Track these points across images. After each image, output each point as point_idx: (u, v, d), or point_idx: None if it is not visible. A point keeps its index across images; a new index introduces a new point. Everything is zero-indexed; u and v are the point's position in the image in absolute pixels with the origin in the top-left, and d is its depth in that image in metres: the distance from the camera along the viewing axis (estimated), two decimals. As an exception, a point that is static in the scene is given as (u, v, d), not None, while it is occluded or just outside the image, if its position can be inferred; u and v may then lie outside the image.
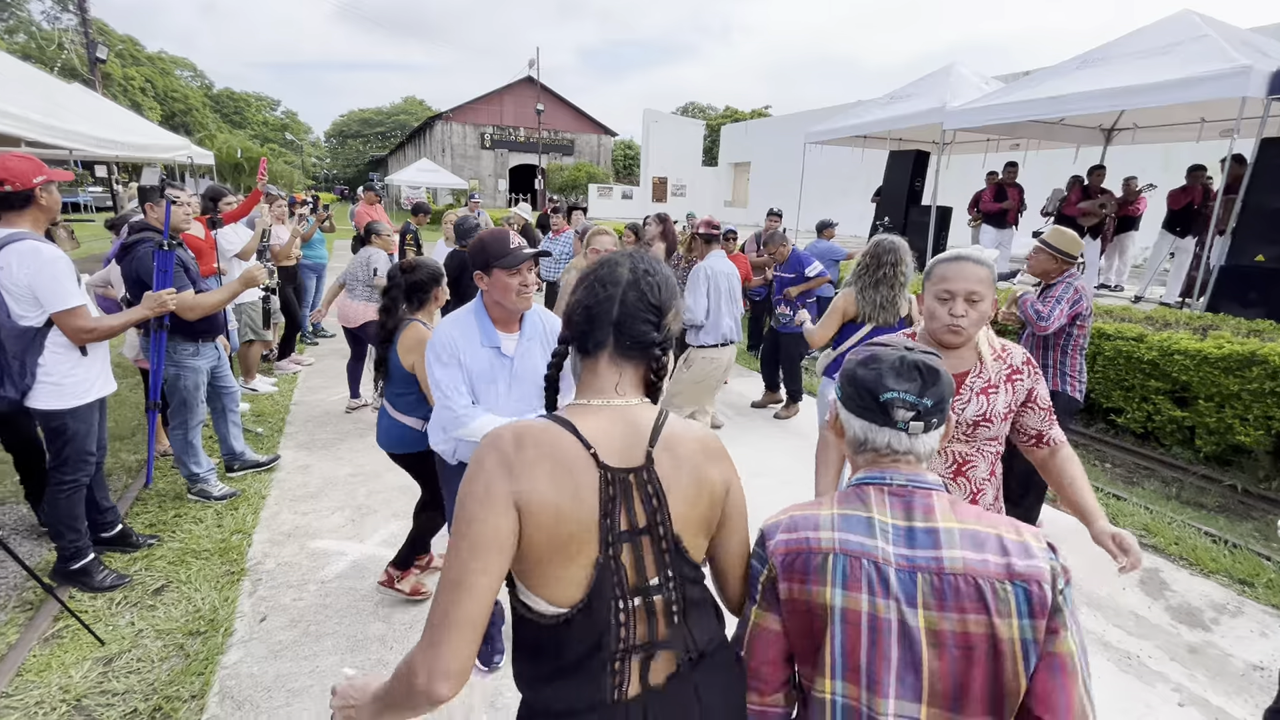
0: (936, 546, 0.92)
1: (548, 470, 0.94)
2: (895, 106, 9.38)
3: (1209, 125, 7.88)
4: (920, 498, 0.98)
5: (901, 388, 0.98)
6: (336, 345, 7.24)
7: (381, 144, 66.72)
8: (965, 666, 0.89)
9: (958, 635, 0.89)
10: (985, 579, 0.89)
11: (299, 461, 4.20)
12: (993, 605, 0.88)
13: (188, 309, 3.06)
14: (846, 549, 0.95)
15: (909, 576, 0.91)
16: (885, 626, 0.91)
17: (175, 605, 2.71)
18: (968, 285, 1.61)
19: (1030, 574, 0.89)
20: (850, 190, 16.49)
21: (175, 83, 50.86)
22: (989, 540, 0.92)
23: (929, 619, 0.89)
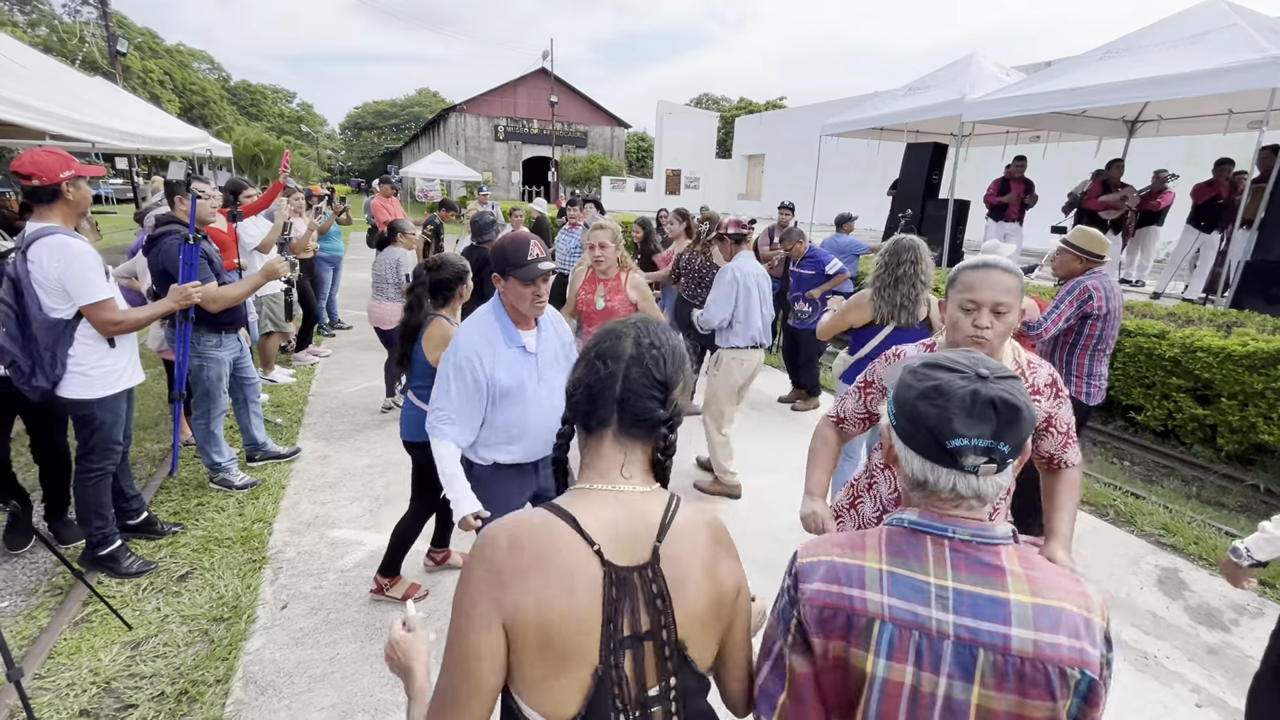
0: (1005, 623, 0.83)
1: (543, 576, 0.86)
2: (913, 98, 9.26)
3: (1236, 117, 7.69)
4: (988, 556, 0.87)
5: (974, 433, 0.85)
6: (353, 337, 7.31)
7: (396, 136, 66.95)
8: None
9: (1011, 715, 0.82)
10: (1055, 665, 0.81)
11: (318, 452, 4.26)
12: (1058, 690, 0.81)
13: (211, 301, 3.11)
14: (896, 617, 0.85)
15: (968, 651, 0.83)
16: (929, 701, 0.84)
17: (199, 592, 2.77)
18: (995, 295, 1.51)
19: (1093, 662, 0.82)
20: (866, 183, 16.32)
21: (193, 75, 51.33)
22: (1062, 619, 0.83)
23: (983, 696, 0.82)
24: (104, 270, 2.58)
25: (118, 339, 2.68)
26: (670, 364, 1.00)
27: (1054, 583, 0.86)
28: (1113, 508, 3.92)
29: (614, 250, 3.27)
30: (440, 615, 2.70)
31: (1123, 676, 2.54)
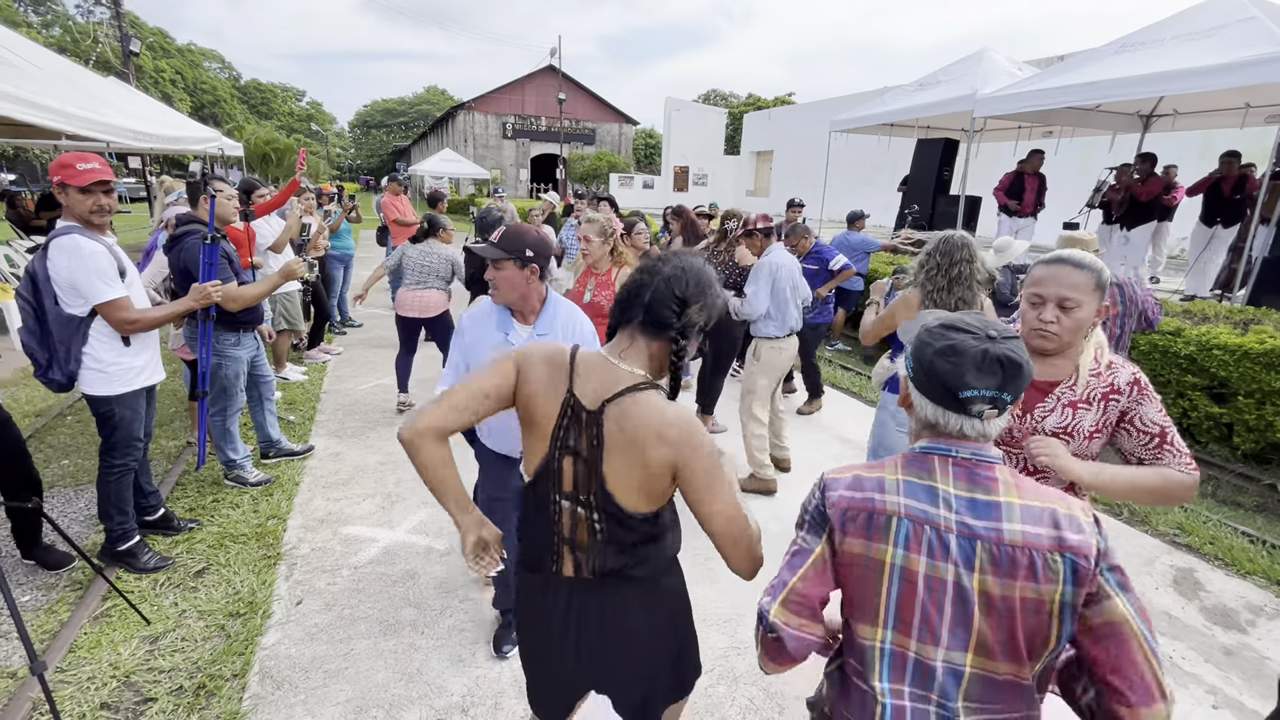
0: (997, 519, 0.99)
1: (545, 364, 1.29)
2: (924, 94, 9.19)
3: (1254, 111, 7.58)
4: (984, 470, 1.03)
5: (983, 384, 1.00)
6: (364, 335, 7.36)
7: (405, 134, 67.18)
8: (1010, 623, 0.98)
9: (1007, 598, 0.97)
10: (1039, 551, 0.97)
11: (330, 449, 4.30)
12: (1042, 574, 0.96)
13: (230, 300, 3.14)
14: (910, 513, 1.02)
15: (969, 544, 0.99)
16: (940, 586, 1.00)
17: (216, 587, 2.81)
18: (1060, 290, 1.53)
19: (1080, 548, 0.97)
20: (875, 179, 16.22)
21: (204, 74, 51.71)
22: (1044, 514, 0.99)
23: (983, 582, 0.98)
24: (119, 269, 2.61)
25: (135, 337, 2.71)
26: (691, 285, 1.28)
27: (1038, 490, 1.03)
28: (1127, 507, 3.89)
29: (600, 245, 3.27)
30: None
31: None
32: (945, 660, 1.00)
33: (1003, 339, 1.02)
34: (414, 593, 2.85)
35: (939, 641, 1.01)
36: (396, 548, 3.19)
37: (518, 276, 1.98)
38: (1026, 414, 1.63)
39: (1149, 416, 1.57)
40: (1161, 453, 1.57)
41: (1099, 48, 7.36)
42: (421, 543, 3.24)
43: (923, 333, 1.09)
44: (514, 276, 1.98)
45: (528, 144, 37.40)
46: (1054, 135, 9.90)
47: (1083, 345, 1.62)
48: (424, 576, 2.96)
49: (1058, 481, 1.60)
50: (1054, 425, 1.61)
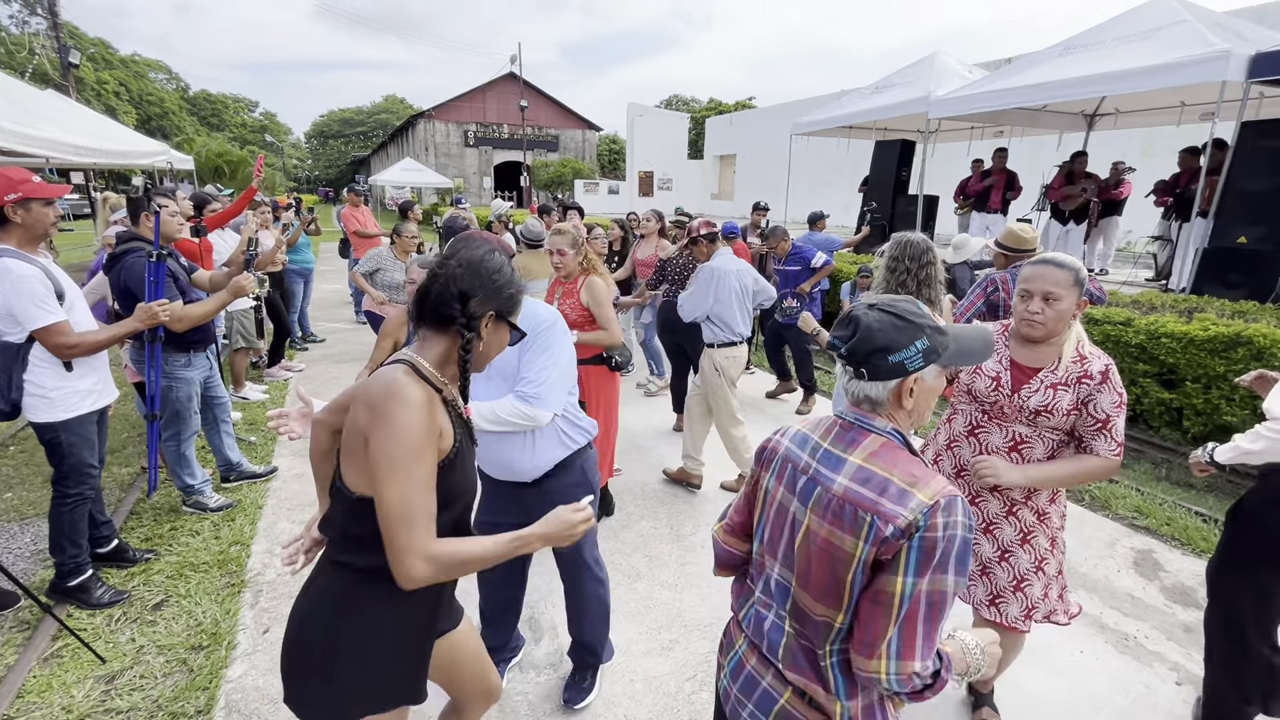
0: (836, 472, 1.14)
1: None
2: (880, 96, 9.41)
3: (1189, 109, 7.97)
4: (856, 434, 1.17)
5: (836, 334, 1.20)
6: (327, 351, 7.18)
7: (363, 144, 65.99)
8: (817, 560, 1.12)
9: (821, 538, 1.12)
10: (854, 505, 1.08)
11: (294, 469, 4.16)
12: (850, 526, 1.08)
13: (175, 320, 3.01)
14: (786, 454, 1.24)
15: (812, 485, 1.16)
16: (785, 514, 1.20)
17: (176, 620, 2.68)
18: (1044, 285, 1.81)
19: (889, 515, 1.04)
20: (836, 181, 16.51)
21: (150, 86, 50.02)
22: (879, 481, 1.08)
23: (810, 519, 1.14)
24: (57, 291, 2.48)
25: (77, 362, 2.58)
26: (469, 279, 1.29)
27: (895, 464, 1.10)
28: (1088, 493, 4.02)
29: (573, 256, 3.22)
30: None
31: (1106, 659, 2.60)
32: (779, 575, 1.21)
33: (877, 308, 1.15)
34: (387, 614, 2.77)
35: (777, 557, 1.22)
36: (367, 568, 3.10)
37: None
38: (1015, 393, 1.89)
39: (1102, 405, 1.81)
40: (1098, 436, 1.82)
41: (1044, 50, 7.65)
42: (393, 562, 3.16)
43: None
44: None
45: (490, 151, 37.09)
46: (1005, 135, 10.24)
47: (1066, 335, 1.86)
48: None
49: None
50: (1037, 404, 1.85)
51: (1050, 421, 1.85)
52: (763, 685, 1.21)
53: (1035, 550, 1.98)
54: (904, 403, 1.15)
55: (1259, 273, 5.66)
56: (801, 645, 1.17)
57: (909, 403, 1.15)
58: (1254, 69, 5.30)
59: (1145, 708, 2.35)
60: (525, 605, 2.53)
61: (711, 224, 4.02)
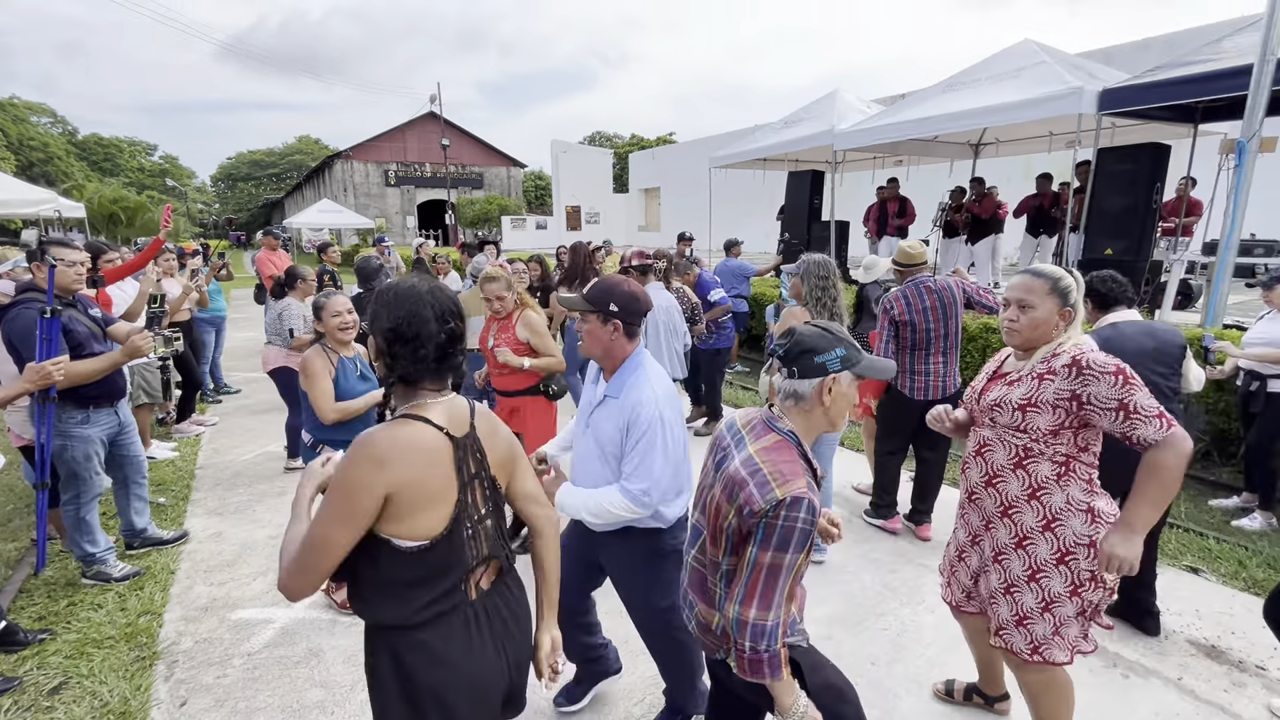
0: (738, 454, 1.45)
1: (416, 456, 1.26)
2: (789, 130, 10.00)
3: (1056, 138, 8.91)
4: (764, 431, 1.48)
5: (778, 342, 1.50)
6: (243, 402, 6.80)
7: (276, 186, 63.47)
8: (712, 514, 1.48)
9: (716, 499, 1.46)
10: (735, 484, 1.40)
11: (210, 529, 3.90)
12: (729, 497, 1.41)
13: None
14: (721, 434, 1.60)
15: (723, 459, 1.50)
16: (707, 475, 1.58)
17: (78, 702, 2.45)
18: (1018, 293, 1.88)
19: (750, 500, 1.35)
20: (755, 210, 17.27)
21: (31, 130, 46.52)
22: (755, 469, 1.38)
23: (716, 484, 1.48)
24: None
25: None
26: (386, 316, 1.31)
27: (776, 460, 1.39)
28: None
29: (511, 297, 3.31)
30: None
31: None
32: (695, 519, 1.59)
33: (811, 325, 1.51)
34: (319, 672, 2.63)
35: (699, 508, 1.57)
36: (295, 626, 2.94)
37: (599, 330, 1.91)
38: (980, 395, 1.98)
39: (1100, 394, 1.68)
40: (1131, 422, 1.66)
41: (930, 87, 8.39)
42: (324, 617, 3.01)
43: None
44: (595, 330, 1.92)
45: (413, 190, 36.57)
46: (904, 164, 11.08)
47: (1051, 345, 1.83)
48: (330, 652, 2.74)
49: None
50: (989, 400, 1.91)
51: (1003, 418, 1.84)
52: (689, 600, 1.61)
53: (1045, 591, 1.85)
54: (823, 399, 1.44)
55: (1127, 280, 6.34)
56: (698, 571, 1.56)
57: (828, 399, 1.44)
58: (1103, 103, 6.02)
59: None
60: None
61: (645, 254, 3.94)
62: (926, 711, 2.40)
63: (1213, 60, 5.69)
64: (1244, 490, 4.07)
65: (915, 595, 3.15)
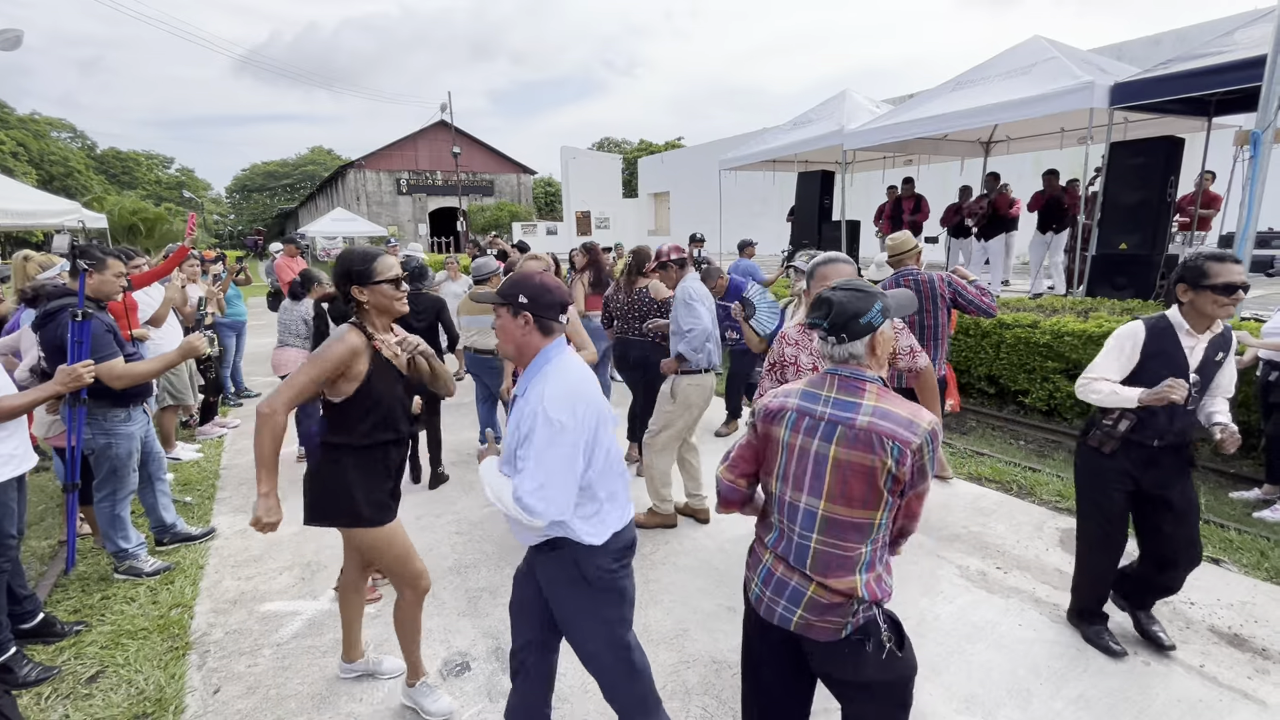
0: (854, 412, 1.50)
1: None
2: (798, 131, 10.04)
3: (1068, 134, 8.88)
4: (855, 384, 1.54)
5: (814, 316, 1.58)
6: (263, 404, 6.91)
7: (289, 196, 64.25)
8: (853, 478, 1.48)
9: (848, 462, 1.48)
10: (878, 434, 1.45)
11: (237, 526, 3.99)
12: (878, 448, 1.45)
13: (115, 378, 2.92)
14: (799, 408, 1.57)
15: (831, 427, 1.51)
16: (808, 455, 1.54)
17: (114, 690, 2.52)
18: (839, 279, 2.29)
19: (905, 440, 1.44)
20: (765, 212, 17.29)
21: (52, 145, 47.42)
22: (892, 415, 1.47)
23: (837, 451, 1.49)
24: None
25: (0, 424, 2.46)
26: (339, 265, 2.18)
27: (897, 403, 1.50)
28: (1015, 483, 4.32)
29: None
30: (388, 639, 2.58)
31: (1042, 630, 2.80)
32: (806, 504, 1.54)
33: (842, 289, 1.56)
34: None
35: (803, 490, 1.54)
36: (323, 617, 3.00)
37: (510, 325, 1.78)
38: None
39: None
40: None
41: (939, 86, 8.39)
42: (350, 609, 3.07)
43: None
44: (507, 324, 1.79)
45: (424, 198, 36.91)
46: (914, 163, 11.07)
47: None
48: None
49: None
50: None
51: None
52: (791, 584, 1.55)
53: None
54: (877, 352, 1.56)
55: (1140, 274, 6.31)
56: (829, 551, 1.52)
57: (880, 349, 1.56)
58: (1115, 97, 6.01)
59: (1078, 669, 2.54)
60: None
61: (681, 249, 3.93)
62: (946, 695, 2.42)
63: (1225, 52, 5.67)
64: (1265, 482, 4.04)
65: (933, 586, 3.17)
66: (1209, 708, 2.34)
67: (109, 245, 12.34)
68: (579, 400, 1.70)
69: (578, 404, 1.69)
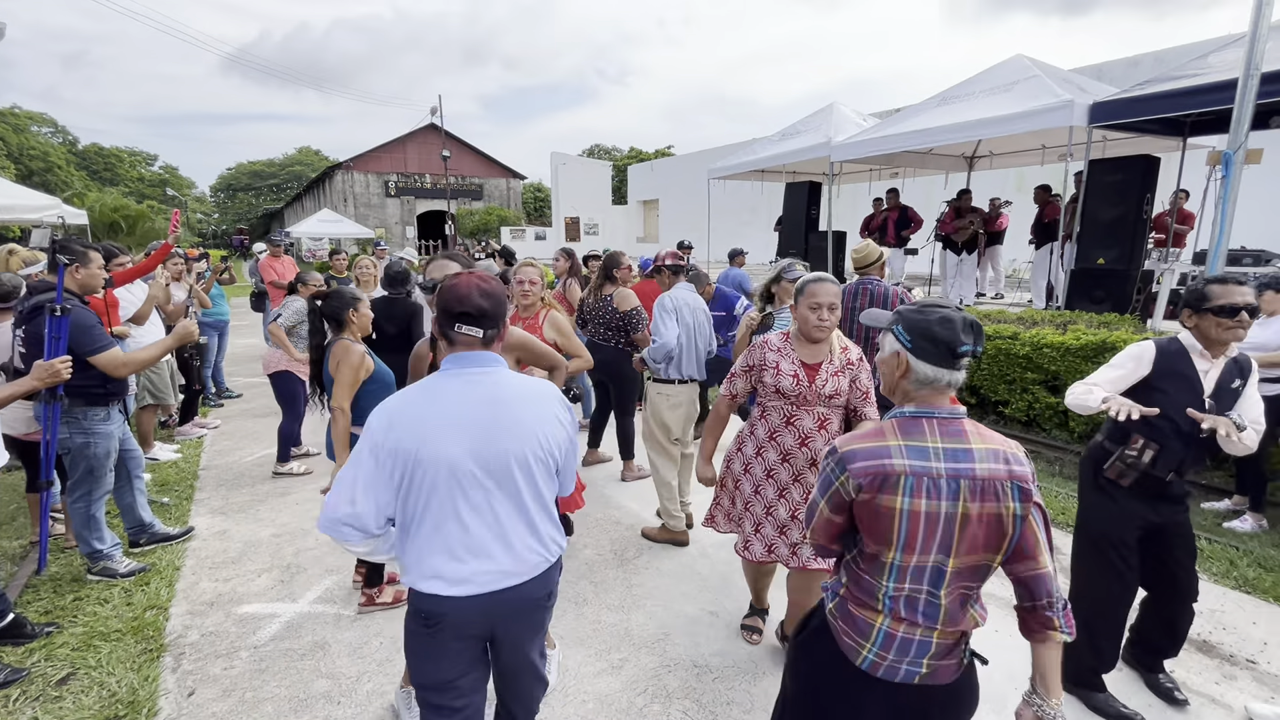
0: (970, 461, 1.36)
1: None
2: (787, 143, 10.15)
3: (1049, 150, 9.07)
4: (955, 425, 1.40)
5: (969, 341, 1.37)
6: (245, 406, 6.83)
7: (275, 196, 63.65)
8: (980, 531, 1.35)
9: (979, 515, 1.35)
10: (999, 480, 1.35)
11: (215, 527, 3.93)
12: (1001, 496, 1.34)
13: (120, 365, 2.99)
14: (913, 470, 1.36)
15: (954, 483, 1.35)
16: (935, 517, 1.35)
17: (86, 693, 2.47)
18: (830, 298, 2.34)
19: (1021, 475, 1.36)
20: (753, 221, 17.44)
21: (32, 139, 46.64)
22: (999, 454, 1.37)
23: (965, 508, 1.35)
24: None
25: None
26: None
27: (989, 435, 1.42)
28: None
29: (540, 287, 3.29)
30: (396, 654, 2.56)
31: (1019, 636, 2.83)
32: (935, 563, 1.39)
33: (957, 308, 1.42)
34: (325, 664, 2.66)
35: (930, 552, 1.38)
36: (301, 620, 2.97)
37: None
38: (811, 384, 2.40)
39: (862, 379, 2.44)
40: (866, 404, 2.44)
41: (924, 101, 8.54)
42: (329, 611, 3.04)
43: (910, 311, 1.44)
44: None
45: (413, 201, 36.73)
46: (899, 175, 11.23)
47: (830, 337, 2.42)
48: (335, 645, 2.78)
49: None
50: (831, 389, 2.39)
51: (839, 401, 2.42)
52: (916, 640, 1.43)
53: None
54: None
55: (1118, 288, 6.45)
56: (956, 600, 1.41)
57: None
58: (1093, 116, 6.16)
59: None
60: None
61: (678, 254, 3.91)
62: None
63: (1200, 75, 5.84)
64: (1235, 493, 4.14)
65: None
66: (1179, 713, 2.38)
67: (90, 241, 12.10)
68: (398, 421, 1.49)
69: (396, 422, 1.49)
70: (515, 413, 1.54)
